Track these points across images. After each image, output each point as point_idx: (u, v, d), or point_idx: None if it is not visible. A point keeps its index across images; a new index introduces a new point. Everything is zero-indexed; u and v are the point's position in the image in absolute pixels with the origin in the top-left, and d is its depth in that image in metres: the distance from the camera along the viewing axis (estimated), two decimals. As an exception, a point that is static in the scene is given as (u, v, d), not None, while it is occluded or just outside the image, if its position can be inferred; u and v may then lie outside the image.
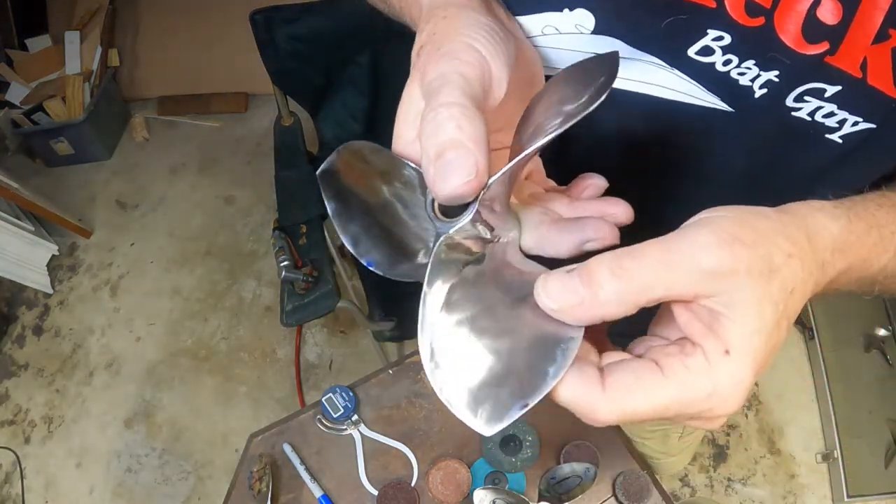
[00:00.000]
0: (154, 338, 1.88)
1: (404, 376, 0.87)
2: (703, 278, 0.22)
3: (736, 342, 0.23)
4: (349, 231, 0.30)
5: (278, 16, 1.18)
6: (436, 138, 0.23)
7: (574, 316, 0.23)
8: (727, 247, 0.23)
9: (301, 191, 1.21)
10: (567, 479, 0.76)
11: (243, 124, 2.36)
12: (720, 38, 0.32)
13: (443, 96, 0.24)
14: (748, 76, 0.33)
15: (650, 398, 0.23)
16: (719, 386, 0.23)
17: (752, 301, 0.23)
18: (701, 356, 0.23)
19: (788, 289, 0.24)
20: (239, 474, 0.82)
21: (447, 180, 0.23)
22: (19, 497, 1.64)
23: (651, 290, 0.23)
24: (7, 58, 2.26)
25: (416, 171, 0.27)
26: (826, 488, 1.50)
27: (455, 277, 0.26)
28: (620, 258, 0.23)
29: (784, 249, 0.24)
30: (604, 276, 0.23)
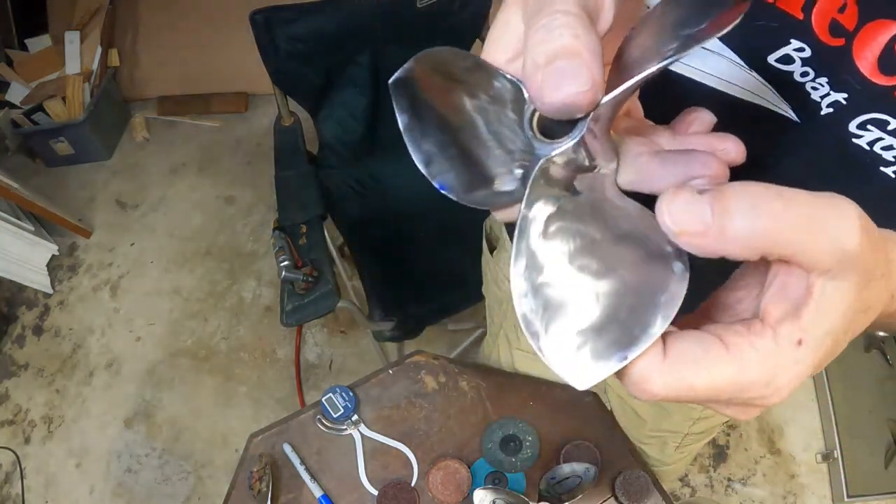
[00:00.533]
0: (154, 338, 1.88)
1: (404, 376, 0.87)
2: (838, 256, 0.20)
3: (812, 335, 0.21)
4: (421, 149, 0.27)
5: (278, 16, 1.17)
6: (548, 44, 0.21)
7: (693, 244, 0.21)
8: (866, 234, 0.20)
9: (301, 191, 1.21)
10: (567, 479, 0.76)
11: (243, 124, 2.36)
12: (801, 49, 0.32)
13: (557, 4, 0.22)
14: (819, 92, 0.33)
15: (712, 375, 0.21)
16: (779, 375, 0.21)
17: (845, 300, 0.21)
18: (770, 340, 0.21)
19: (867, 305, 0.22)
20: (239, 474, 0.82)
21: (559, 88, 0.21)
22: (19, 497, 1.64)
23: (785, 245, 0.20)
24: (7, 58, 2.26)
25: (511, 82, 0.25)
26: (826, 488, 1.50)
27: (553, 206, 0.23)
28: (768, 197, 0.20)
29: (881, 266, 0.22)
30: (741, 209, 0.20)
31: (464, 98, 0.26)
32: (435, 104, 0.27)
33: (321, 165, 1.48)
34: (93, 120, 2.16)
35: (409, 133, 0.27)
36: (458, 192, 0.27)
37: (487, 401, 0.85)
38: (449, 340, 1.72)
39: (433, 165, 0.27)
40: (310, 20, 1.21)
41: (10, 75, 2.20)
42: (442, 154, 0.27)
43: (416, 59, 0.26)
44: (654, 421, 0.83)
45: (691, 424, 0.80)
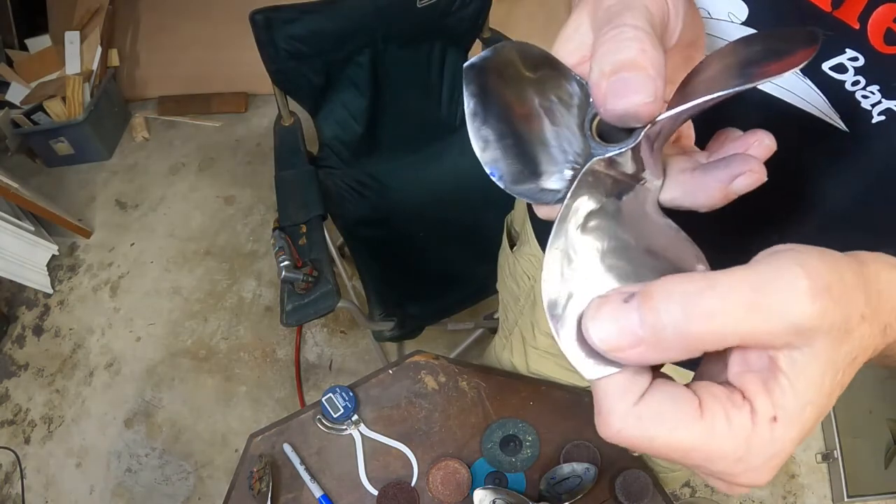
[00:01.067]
0: (154, 338, 1.88)
1: (404, 376, 0.87)
2: (787, 331, 0.19)
3: (788, 410, 0.20)
4: (480, 134, 0.28)
5: (278, 16, 1.17)
6: (616, 55, 0.22)
7: (620, 356, 0.20)
8: (820, 299, 0.19)
9: (301, 191, 1.21)
10: (567, 479, 0.76)
11: (243, 124, 2.36)
12: (855, 58, 0.32)
13: (627, 18, 0.23)
14: (870, 100, 0.33)
15: (675, 435, 0.21)
16: (753, 454, 0.20)
17: (818, 367, 0.20)
18: (747, 414, 0.21)
19: (853, 355, 0.21)
20: (239, 474, 0.82)
21: (624, 97, 0.22)
22: (19, 497, 1.64)
23: (729, 339, 0.19)
24: (7, 58, 2.26)
25: (580, 84, 0.26)
26: (826, 488, 1.51)
27: (596, 204, 0.25)
28: (703, 296, 0.19)
29: (860, 310, 0.21)
30: (674, 315, 0.19)
31: (531, 92, 0.28)
32: (502, 94, 0.28)
33: (321, 165, 1.48)
34: (93, 120, 2.16)
35: (472, 118, 0.28)
36: (506, 181, 0.28)
37: (487, 401, 0.85)
38: (449, 340, 1.72)
39: (488, 151, 0.28)
40: (310, 20, 1.21)
41: (10, 75, 2.20)
42: (499, 142, 0.28)
43: (496, 49, 0.28)
44: None
45: None
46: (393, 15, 1.28)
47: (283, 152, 1.31)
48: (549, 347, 0.86)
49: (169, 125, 2.40)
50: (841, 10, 0.32)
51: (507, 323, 0.97)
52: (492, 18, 1.40)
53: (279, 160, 1.29)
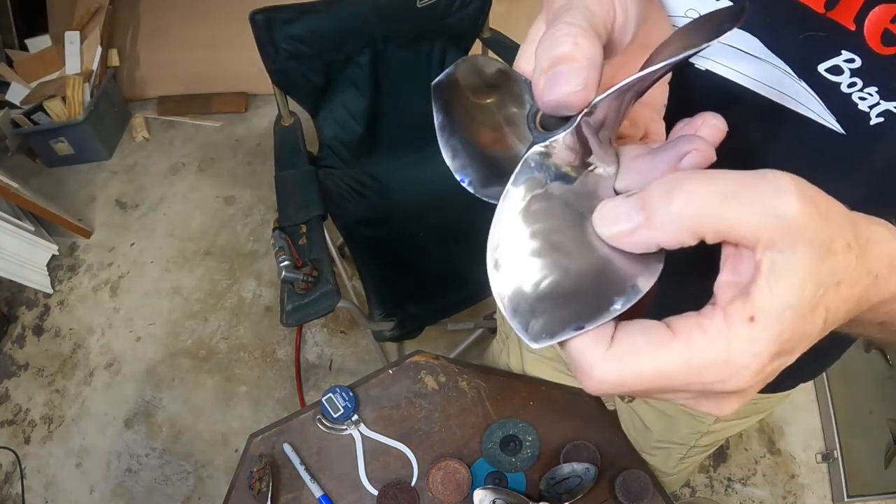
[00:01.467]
0: (154, 338, 1.88)
1: (404, 376, 0.87)
2: (773, 224, 0.20)
3: (765, 310, 0.21)
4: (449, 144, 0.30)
5: (278, 16, 1.18)
6: (551, 51, 0.23)
7: (628, 244, 0.22)
8: (805, 202, 0.20)
9: (301, 191, 1.21)
10: (567, 479, 0.76)
11: (243, 124, 2.36)
12: (851, 60, 0.32)
13: (565, 17, 0.24)
14: (868, 102, 0.33)
15: (658, 361, 0.21)
16: (735, 353, 0.21)
17: (798, 272, 0.20)
18: (720, 318, 0.21)
19: (837, 278, 0.22)
20: (239, 474, 0.82)
21: (554, 88, 0.23)
22: (19, 497, 1.64)
23: (714, 222, 0.20)
24: (7, 58, 2.26)
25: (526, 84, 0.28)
26: (826, 488, 1.51)
27: (540, 188, 0.26)
28: (683, 178, 0.21)
29: (846, 238, 0.22)
30: (659, 197, 0.21)
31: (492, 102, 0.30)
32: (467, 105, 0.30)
33: (321, 165, 1.48)
34: (93, 120, 2.16)
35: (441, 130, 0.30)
36: (475, 186, 0.29)
37: (487, 401, 0.85)
38: (449, 340, 1.72)
39: (457, 159, 0.30)
40: (310, 20, 1.21)
41: (10, 75, 2.20)
42: (466, 150, 0.30)
43: (457, 65, 0.30)
44: (661, 432, 0.83)
45: (699, 437, 0.80)
46: (393, 15, 1.28)
47: (283, 152, 1.31)
48: (545, 351, 0.86)
49: (169, 125, 2.40)
50: (835, 11, 0.31)
51: (503, 326, 0.97)
52: (492, 18, 1.40)
53: (279, 160, 1.29)
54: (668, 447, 0.85)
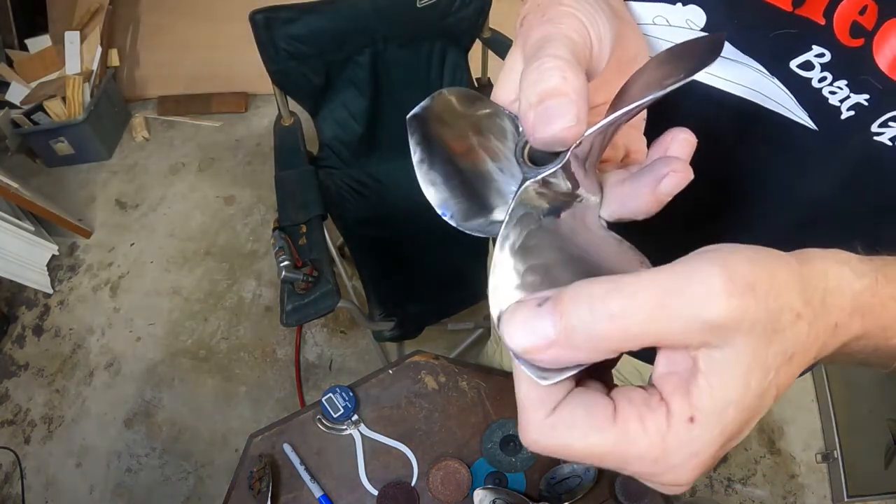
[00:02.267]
0: (154, 338, 1.88)
1: (404, 376, 0.87)
2: (701, 329, 0.19)
3: (705, 411, 0.20)
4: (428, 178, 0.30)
5: (278, 16, 1.18)
6: (539, 86, 0.23)
7: (540, 359, 0.21)
8: (737, 297, 0.19)
9: (301, 191, 1.21)
10: (567, 479, 0.76)
11: (243, 124, 2.36)
12: (822, 54, 0.32)
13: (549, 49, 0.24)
14: (838, 96, 0.33)
15: (589, 441, 0.21)
16: (670, 454, 0.20)
17: (739, 366, 0.20)
18: (662, 416, 0.20)
19: (788, 354, 0.21)
20: (239, 474, 0.82)
21: (548, 125, 0.23)
22: (19, 497, 1.64)
23: (637, 339, 0.19)
24: (7, 58, 2.26)
25: (512, 119, 0.28)
26: (826, 488, 1.51)
27: (535, 224, 0.26)
28: (607, 297, 0.19)
29: (794, 309, 0.21)
30: (582, 317, 0.19)
31: (471, 133, 0.29)
32: (445, 138, 0.30)
33: (321, 165, 1.48)
34: (93, 120, 2.16)
35: (419, 164, 0.30)
36: (457, 219, 0.29)
37: (487, 401, 0.85)
38: (449, 340, 1.72)
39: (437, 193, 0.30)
40: (310, 20, 1.21)
41: (10, 75, 2.20)
42: (447, 183, 0.30)
43: (433, 98, 0.29)
44: None
45: None
46: (393, 15, 1.28)
47: (283, 152, 1.31)
48: None
49: (169, 125, 2.40)
50: (804, 8, 0.31)
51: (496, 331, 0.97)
52: (492, 18, 1.40)
53: (279, 160, 1.29)
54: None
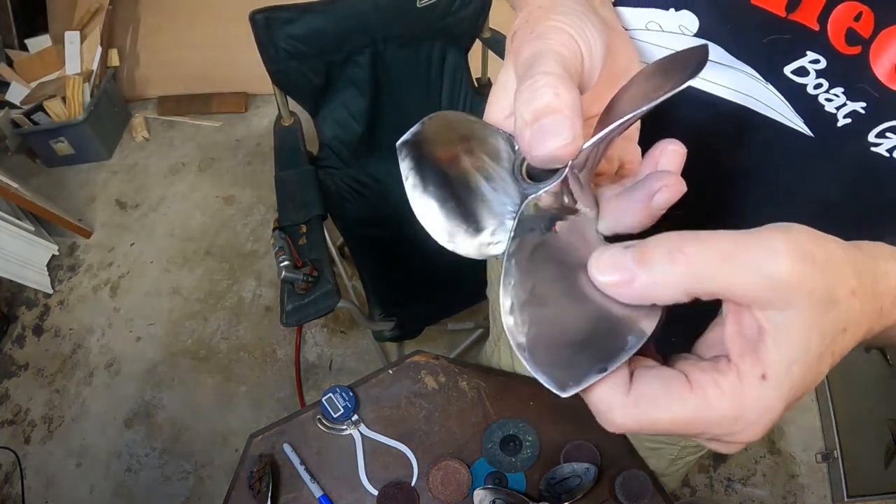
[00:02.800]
0: (154, 338, 1.88)
1: (404, 376, 0.87)
2: (766, 285, 0.21)
3: (775, 368, 0.22)
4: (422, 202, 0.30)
5: (278, 16, 1.18)
6: (533, 104, 0.23)
7: (622, 294, 0.23)
8: (799, 262, 0.21)
9: (301, 191, 1.21)
10: (567, 479, 0.76)
11: (243, 124, 2.36)
12: (816, 60, 0.32)
13: (540, 66, 0.24)
14: (835, 103, 0.33)
15: (673, 411, 0.22)
16: (747, 411, 0.22)
17: (802, 327, 0.21)
18: (734, 376, 0.22)
19: (841, 326, 0.22)
20: (239, 474, 0.82)
21: (544, 143, 0.23)
22: (19, 497, 1.64)
23: (707, 284, 0.21)
24: (7, 58, 2.26)
25: (506, 139, 0.28)
26: (826, 488, 1.51)
27: (538, 238, 0.26)
28: (683, 241, 0.22)
29: (849, 285, 0.22)
30: (659, 256, 0.22)
31: (463, 155, 0.29)
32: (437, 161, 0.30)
33: (321, 165, 1.48)
34: (93, 120, 2.16)
35: (413, 189, 0.30)
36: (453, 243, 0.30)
37: (487, 401, 0.85)
38: (449, 340, 1.72)
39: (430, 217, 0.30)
40: (310, 20, 1.21)
41: (10, 75, 2.20)
42: (441, 207, 0.30)
43: (423, 123, 0.29)
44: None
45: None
46: (393, 15, 1.28)
47: (283, 152, 1.31)
48: None
49: (169, 125, 2.40)
50: (798, 13, 0.31)
51: (495, 328, 0.97)
52: (492, 18, 1.40)
53: (279, 160, 1.29)
54: (660, 448, 0.85)
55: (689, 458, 0.87)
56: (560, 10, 0.28)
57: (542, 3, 0.29)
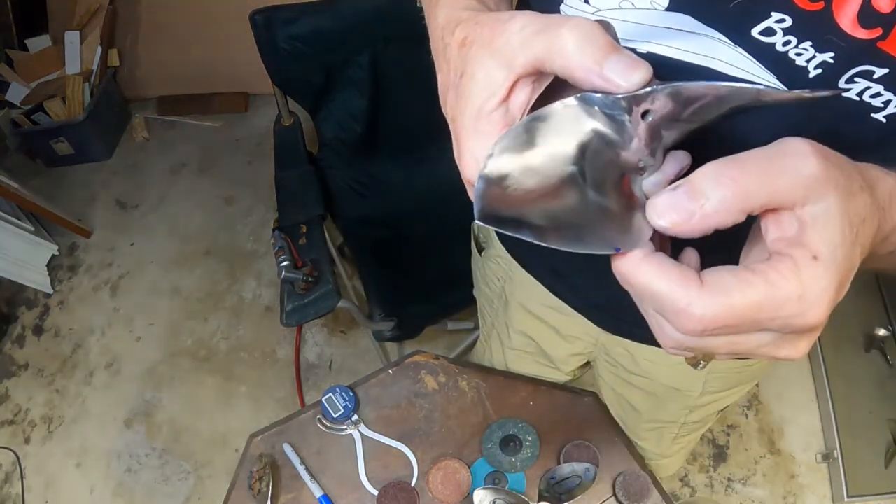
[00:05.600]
0: (154, 338, 1.88)
1: (404, 376, 0.87)
2: (804, 183, 0.24)
3: (823, 250, 0.24)
4: (542, 241, 0.28)
5: (278, 16, 1.18)
6: (592, 44, 0.26)
7: (687, 230, 0.25)
8: (824, 160, 0.24)
9: (301, 191, 1.21)
10: (567, 479, 0.76)
11: (243, 124, 2.36)
12: (782, 20, 0.33)
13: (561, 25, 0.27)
14: (804, 56, 0.34)
15: (747, 295, 0.24)
16: (808, 289, 0.24)
17: (837, 215, 0.24)
18: (790, 261, 0.24)
19: (862, 216, 0.26)
20: (239, 474, 0.82)
21: (631, 69, 0.26)
22: (19, 497, 1.64)
23: (757, 196, 0.24)
24: (7, 58, 2.26)
25: (596, 100, 0.27)
26: (826, 488, 1.50)
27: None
28: (723, 167, 0.24)
29: (857, 180, 0.26)
30: (708, 186, 0.24)
31: (545, 177, 0.28)
32: (529, 203, 0.28)
33: (321, 165, 1.48)
34: (93, 120, 2.16)
35: (523, 239, 0.28)
36: (601, 245, 0.28)
37: (487, 401, 0.85)
38: (449, 340, 1.72)
39: (548, 238, 0.28)
40: (310, 20, 1.21)
41: (10, 75, 2.20)
42: (554, 229, 0.28)
43: (481, 185, 0.28)
44: (649, 412, 0.83)
45: (688, 413, 0.80)
46: (393, 15, 1.28)
47: (283, 152, 1.31)
48: (525, 346, 0.87)
49: (169, 125, 2.40)
50: None
51: (485, 326, 0.98)
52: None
53: (279, 160, 1.29)
54: (660, 427, 0.85)
55: (690, 435, 0.88)
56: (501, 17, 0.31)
57: (478, 19, 0.32)
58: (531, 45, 0.28)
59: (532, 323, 0.81)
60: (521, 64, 0.29)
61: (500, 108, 0.30)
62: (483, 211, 0.28)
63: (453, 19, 0.34)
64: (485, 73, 0.30)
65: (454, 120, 0.32)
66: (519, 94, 0.30)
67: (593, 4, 0.38)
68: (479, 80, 0.30)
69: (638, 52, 0.39)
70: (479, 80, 0.30)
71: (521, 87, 0.30)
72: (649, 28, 0.37)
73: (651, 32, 0.37)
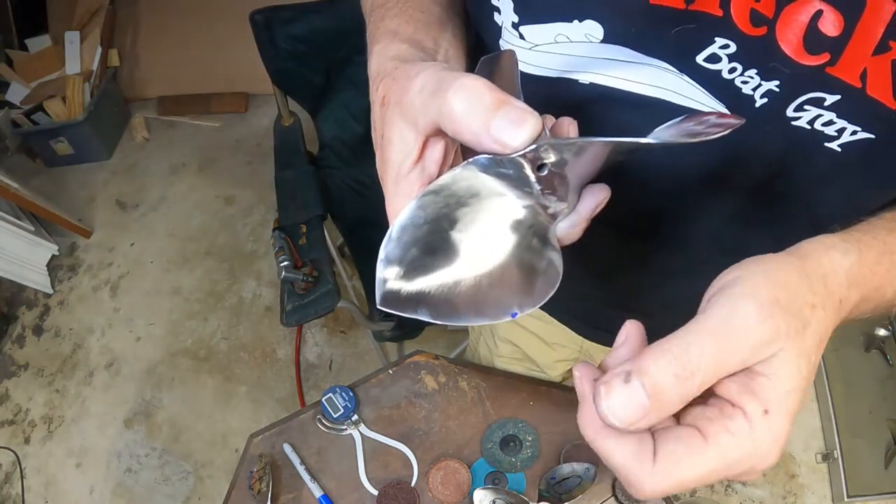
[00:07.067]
0: (154, 338, 1.88)
1: (404, 376, 0.87)
2: (752, 351, 0.24)
3: (775, 402, 0.24)
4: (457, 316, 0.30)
5: (278, 16, 1.17)
6: (483, 99, 0.26)
7: (641, 426, 0.24)
8: (770, 317, 0.24)
9: (301, 191, 1.21)
10: (567, 479, 0.76)
11: (243, 124, 2.36)
12: (726, 45, 0.32)
13: (448, 88, 0.27)
14: (751, 84, 0.33)
15: (696, 468, 0.24)
16: (760, 446, 0.24)
17: (790, 361, 0.24)
18: (741, 418, 0.24)
19: (818, 339, 0.26)
20: (239, 474, 0.82)
21: (514, 128, 0.26)
22: (19, 497, 1.64)
23: (709, 383, 0.24)
24: (7, 58, 2.26)
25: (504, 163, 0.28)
26: (826, 488, 1.50)
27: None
28: (681, 360, 0.24)
29: (810, 302, 0.26)
30: (668, 383, 0.24)
31: (443, 251, 0.29)
32: (423, 283, 0.29)
33: (321, 165, 1.47)
34: (93, 120, 2.16)
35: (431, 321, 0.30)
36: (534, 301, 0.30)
37: (487, 401, 0.85)
38: (449, 340, 1.72)
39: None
40: (310, 20, 1.21)
41: (10, 75, 2.20)
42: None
43: (382, 264, 0.28)
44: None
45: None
46: (393, 15, 1.28)
47: (283, 152, 1.31)
48: (512, 353, 0.87)
49: (169, 125, 2.40)
50: (698, 3, 0.31)
51: (473, 332, 0.98)
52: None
53: (279, 160, 1.29)
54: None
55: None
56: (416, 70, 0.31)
57: (395, 73, 0.32)
58: (428, 108, 0.28)
59: (516, 331, 0.82)
60: (423, 125, 0.28)
61: (415, 169, 0.29)
62: (384, 297, 0.28)
63: (381, 72, 0.35)
64: (399, 136, 0.29)
65: (382, 181, 0.31)
66: (432, 152, 0.30)
67: (529, 39, 0.36)
68: (395, 142, 0.30)
69: (580, 82, 0.37)
70: (395, 143, 0.30)
71: (432, 145, 0.30)
72: (589, 60, 0.36)
73: (592, 63, 0.36)
